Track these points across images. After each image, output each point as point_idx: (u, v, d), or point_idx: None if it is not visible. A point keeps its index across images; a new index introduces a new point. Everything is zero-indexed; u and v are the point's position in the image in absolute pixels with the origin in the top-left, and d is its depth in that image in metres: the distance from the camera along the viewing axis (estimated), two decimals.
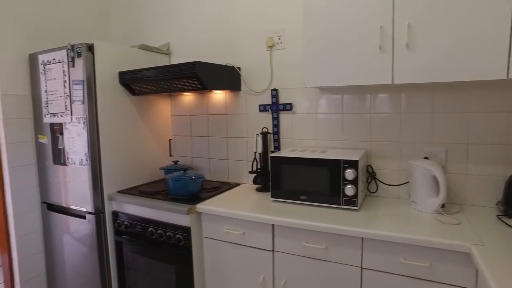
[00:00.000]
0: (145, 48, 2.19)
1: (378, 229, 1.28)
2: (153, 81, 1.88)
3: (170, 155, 2.44)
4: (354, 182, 1.51)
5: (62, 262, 2.16)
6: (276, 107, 1.99)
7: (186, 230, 1.67)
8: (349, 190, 1.52)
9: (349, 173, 1.51)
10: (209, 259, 1.71)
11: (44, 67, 2.03)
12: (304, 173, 1.62)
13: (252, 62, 2.05)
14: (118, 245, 1.97)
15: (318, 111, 1.89)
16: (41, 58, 2.03)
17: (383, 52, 1.41)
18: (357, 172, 1.50)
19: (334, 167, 1.55)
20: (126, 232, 1.91)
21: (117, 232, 1.95)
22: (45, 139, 2.11)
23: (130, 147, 2.12)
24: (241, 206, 1.65)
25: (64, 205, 2.08)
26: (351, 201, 1.53)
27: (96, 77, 1.88)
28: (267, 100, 2.02)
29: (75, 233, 2.04)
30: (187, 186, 1.76)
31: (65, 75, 1.92)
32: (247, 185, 2.10)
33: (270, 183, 1.72)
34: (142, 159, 2.21)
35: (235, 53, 2.11)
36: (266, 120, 2.04)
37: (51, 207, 2.17)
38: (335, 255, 1.38)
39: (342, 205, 1.55)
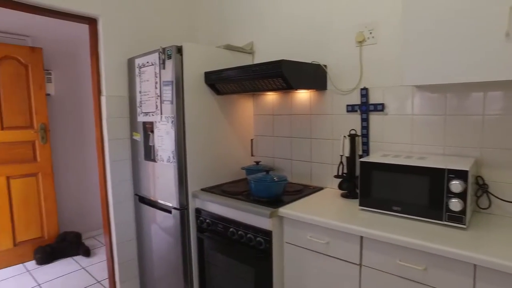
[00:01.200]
0: (229, 48, 2.21)
1: (499, 256, 1.06)
2: (237, 80, 1.88)
3: (252, 155, 2.45)
4: (462, 195, 1.29)
5: (150, 250, 2.32)
6: (365, 107, 1.82)
7: (267, 234, 1.63)
8: (455, 204, 1.30)
9: (456, 185, 1.29)
10: (289, 265, 1.65)
11: (139, 70, 2.18)
12: (398, 182, 1.44)
13: (340, 60, 1.92)
14: (200, 241, 2.03)
15: (415, 112, 1.68)
16: (137, 61, 2.20)
17: (511, 41, 1.16)
18: (467, 184, 1.28)
19: (437, 177, 1.34)
20: (208, 230, 1.96)
21: (199, 229, 2.01)
22: (138, 137, 2.29)
23: (214, 146, 2.16)
24: (326, 212, 1.54)
25: (152, 199, 2.23)
26: (458, 218, 1.31)
27: (184, 78, 1.95)
28: (355, 100, 1.87)
29: (162, 225, 2.17)
30: (269, 188, 1.72)
31: (156, 77, 2.04)
32: (331, 190, 1.98)
33: (358, 190, 1.58)
34: (225, 158, 2.24)
35: (321, 50, 2.00)
36: (354, 122, 1.89)
37: (142, 200, 2.34)
38: (437, 280, 1.19)
39: (445, 221, 1.34)
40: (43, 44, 3.25)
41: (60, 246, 3.17)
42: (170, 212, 2.08)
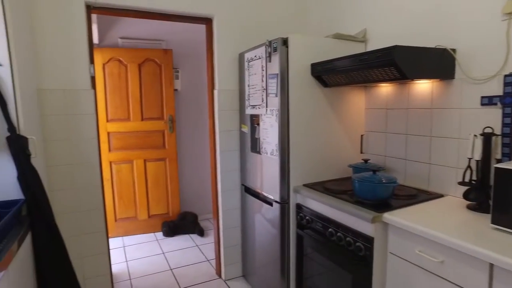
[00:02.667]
0: (339, 37, 2.07)
1: None
2: (345, 71, 1.74)
3: (361, 152, 2.25)
4: None
5: (253, 238, 2.40)
6: (510, 99, 1.44)
7: (368, 240, 1.47)
8: None
9: None
10: (392, 279, 1.45)
11: (248, 64, 2.26)
12: None
13: (474, 41, 1.57)
14: (299, 237, 1.99)
15: None
16: (247, 56, 2.28)
17: None
18: None
19: None
20: (307, 227, 1.89)
21: (299, 225, 1.96)
22: (246, 129, 2.38)
23: (319, 141, 2.07)
24: (443, 225, 1.29)
25: (257, 190, 2.29)
26: None
27: (289, 70, 1.92)
28: (495, 90, 1.50)
29: (264, 217, 2.21)
30: (375, 190, 1.54)
31: (263, 70, 2.07)
32: (454, 199, 1.65)
33: (491, 202, 1.26)
34: (330, 154, 2.13)
35: (448, 31, 1.67)
36: (491, 118, 1.52)
37: (248, 190, 2.44)
38: None
39: None
40: (173, 46, 3.72)
41: (181, 223, 3.61)
42: (271, 204, 2.10)
